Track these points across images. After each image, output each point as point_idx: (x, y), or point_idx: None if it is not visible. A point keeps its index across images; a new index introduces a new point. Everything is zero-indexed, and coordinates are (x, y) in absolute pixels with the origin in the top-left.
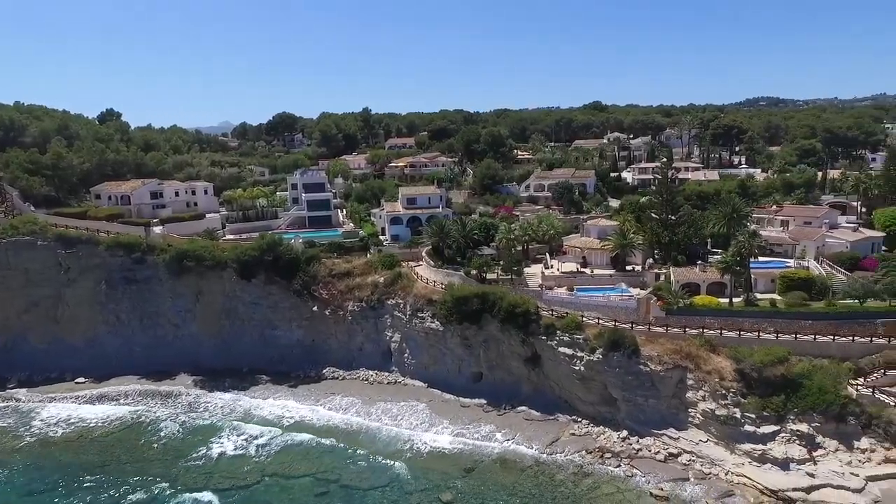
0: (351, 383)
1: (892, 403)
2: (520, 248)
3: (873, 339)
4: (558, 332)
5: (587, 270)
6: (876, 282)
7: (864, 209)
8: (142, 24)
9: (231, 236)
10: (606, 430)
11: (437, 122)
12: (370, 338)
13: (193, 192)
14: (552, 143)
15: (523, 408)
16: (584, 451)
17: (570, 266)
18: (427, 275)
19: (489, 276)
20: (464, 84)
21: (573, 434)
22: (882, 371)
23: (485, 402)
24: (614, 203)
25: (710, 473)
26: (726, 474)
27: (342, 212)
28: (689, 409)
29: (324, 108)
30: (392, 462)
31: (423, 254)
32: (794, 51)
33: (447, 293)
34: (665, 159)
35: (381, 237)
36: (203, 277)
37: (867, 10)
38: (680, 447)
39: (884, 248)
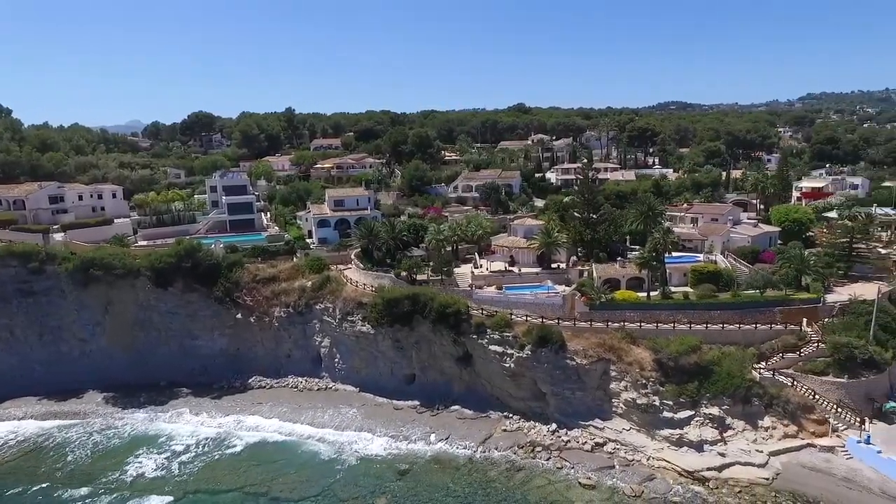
0: (279, 392)
1: (790, 384)
2: (449, 248)
3: (772, 325)
4: (489, 330)
5: (515, 269)
6: (774, 273)
7: (762, 206)
8: (28, 10)
9: (144, 242)
10: (537, 424)
11: (364, 123)
12: (298, 344)
13: (100, 196)
14: (479, 145)
15: (456, 407)
16: (515, 447)
17: (499, 265)
18: (356, 277)
19: (420, 277)
20: (390, 85)
21: (505, 430)
22: (780, 355)
23: (418, 403)
24: (539, 203)
25: (633, 460)
26: (648, 459)
27: (266, 215)
28: (613, 400)
29: (244, 108)
30: (324, 470)
31: (352, 256)
32: (697, 59)
33: (377, 296)
34: (586, 160)
35: (307, 240)
36: (113, 287)
37: (760, 22)
38: (605, 436)
39: (779, 241)
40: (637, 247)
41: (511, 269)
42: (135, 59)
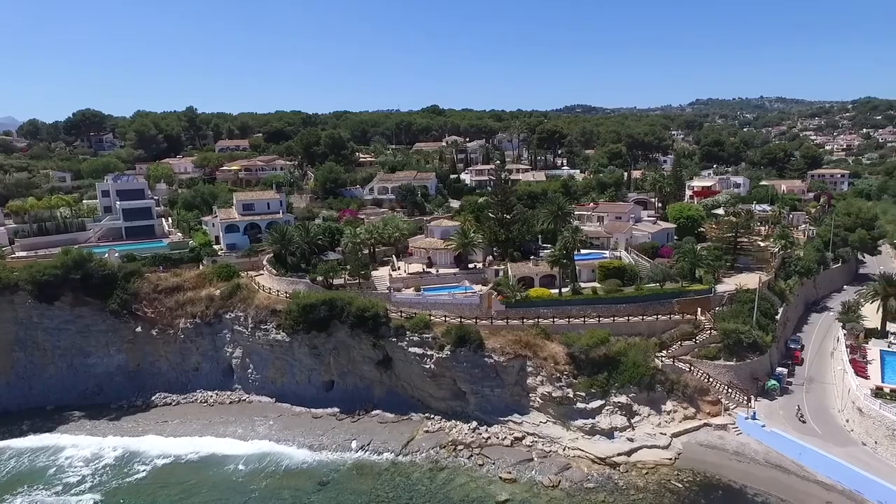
0: (187, 408)
1: (687, 369)
2: (367, 251)
3: (671, 316)
4: (408, 332)
5: (433, 270)
6: (671, 266)
7: (660, 204)
8: None
9: (23, 253)
10: (458, 423)
11: (274, 124)
12: (207, 356)
13: None
14: (394, 146)
15: (377, 411)
16: (437, 447)
17: (417, 267)
18: (269, 284)
19: (336, 281)
20: (301, 85)
21: (427, 431)
22: (679, 343)
23: (338, 410)
24: (455, 204)
25: (550, 451)
26: (564, 450)
27: (168, 221)
28: (530, 395)
29: (139, 107)
30: (240, 488)
31: (265, 262)
32: (597, 65)
33: (292, 302)
34: (499, 161)
35: (215, 247)
36: None
37: (654, 29)
38: (524, 430)
39: (675, 237)
40: (549, 245)
41: (429, 270)
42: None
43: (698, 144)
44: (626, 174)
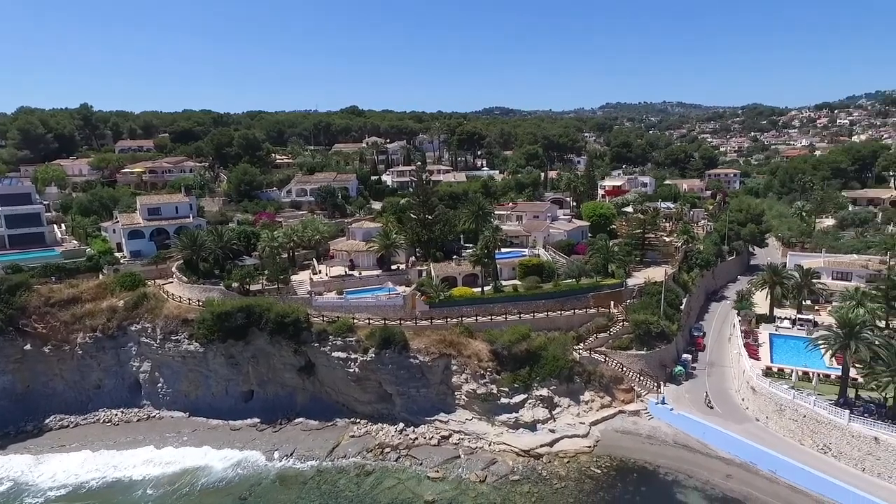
0: (88, 429)
1: (603, 360)
2: (285, 255)
3: (587, 310)
4: (331, 336)
5: (355, 273)
6: (586, 262)
7: (574, 203)
8: None
9: None
10: (384, 426)
11: (181, 124)
12: (111, 372)
13: None
14: (312, 147)
15: (301, 419)
16: (364, 451)
17: (339, 270)
18: (180, 292)
19: (254, 287)
20: (210, 84)
21: (353, 436)
22: (595, 335)
23: (258, 420)
24: (377, 205)
25: (476, 447)
26: (490, 445)
27: (60, 227)
28: (456, 393)
29: (23, 102)
30: None
31: (174, 269)
32: (515, 69)
33: (206, 310)
34: (420, 163)
35: (117, 254)
36: None
37: (564, 34)
38: (450, 429)
39: (589, 234)
40: (470, 245)
41: (351, 272)
42: None
43: (609, 146)
44: (542, 174)
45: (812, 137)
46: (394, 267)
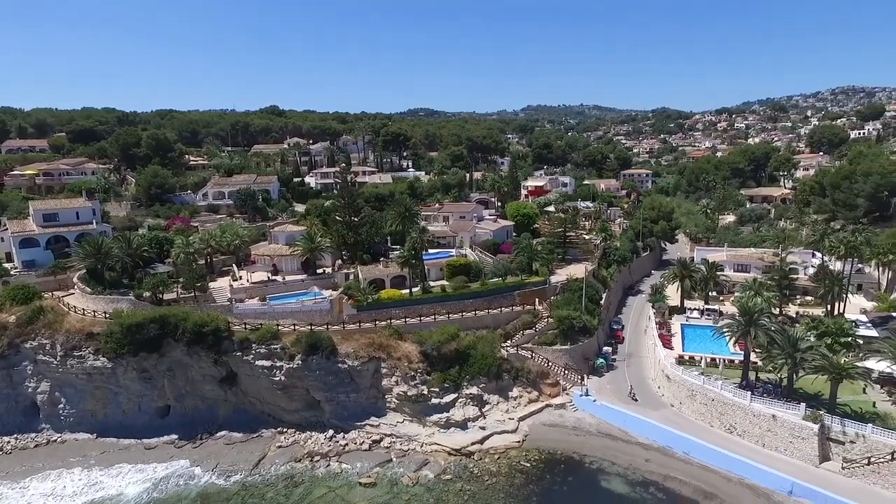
0: None
1: (530, 356)
2: (203, 261)
3: (514, 307)
4: (254, 345)
5: (279, 278)
6: (511, 261)
7: (499, 203)
8: None
9: None
10: (313, 433)
11: (81, 122)
12: (1, 395)
13: None
14: (229, 148)
15: (223, 432)
16: (293, 461)
17: (261, 275)
18: (83, 304)
19: (168, 296)
20: (114, 80)
21: (280, 447)
22: (521, 332)
23: (176, 437)
24: (300, 208)
25: (408, 449)
26: (422, 446)
27: None
28: (386, 396)
29: None
30: None
31: (76, 280)
32: (439, 71)
33: (114, 322)
34: (344, 164)
35: (6, 265)
36: None
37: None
38: (381, 432)
39: (514, 233)
40: (398, 246)
41: (275, 278)
42: None
43: (530, 147)
44: (468, 175)
45: (714, 140)
46: (319, 271)
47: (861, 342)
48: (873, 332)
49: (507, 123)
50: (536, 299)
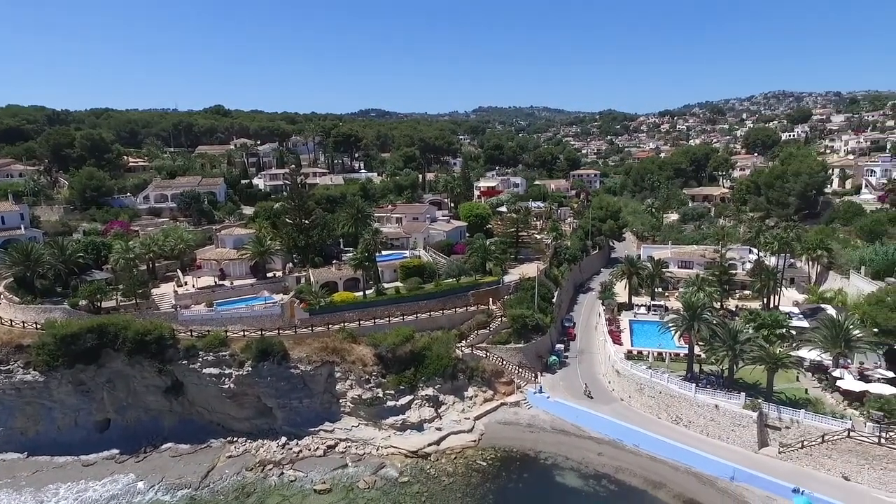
0: None
1: (484, 355)
2: (144, 267)
3: (468, 307)
4: (201, 352)
5: (227, 283)
6: (465, 262)
7: (452, 204)
8: None
9: None
10: (265, 441)
11: (6, 121)
12: None
13: None
14: (172, 149)
15: (169, 444)
16: (244, 471)
17: (208, 280)
18: (11, 315)
19: (106, 304)
20: (43, 79)
21: (230, 456)
22: (476, 332)
23: (117, 451)
24: (248, 210)
25: (364, 453)
26: (377, 450)
27: None
28: (341, 400)
29: None
30: None
31: (1, 289)
32: (390, 72)
33: (47, 333)
34: (294, 165)
35: None
36: None
37: (437, 42)
38: (336, 437)
39: (467, 234)
40: (350, 248)
41: (222, 283)
42: None
43: (482, 148)
44: (420, 176)
45: (658, 141)
46: (269, 275)
47: (794, 333)
48: (805, 323)
49: (458, 125)
50: (490, 299)
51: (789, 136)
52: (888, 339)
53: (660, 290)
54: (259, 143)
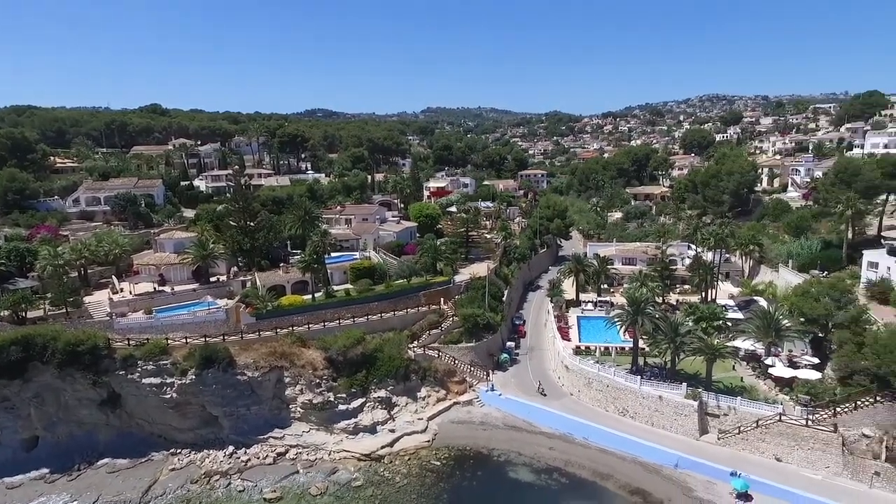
0: None
1: (437, 355)
2: (75, 274)
3: (419, 308)
4: (140, 362)
5: (167, 288)
6: (416, 262)
7: (402, 205)
8: None
9: None
10: (211, 451)
11: None
12: None
13: None
14: (104, 150)
15: (105, 460)
16: (188, 483)
17: (146, 286)
18: None
19: (33, 314)
20: None
21: (174, 469)
22: (428, 332)
23: (47, 471)
24: (189, 213)
25: (316, 459)
26: (330, 454)
27: None
28: (291, 406)
29: None
30: None
31: None
32: (337, 71)
33: None
34: (237, 166)
35: None
36: None
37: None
38: (286, 444)
39: (418, 234)
40: (298, 251)
41: (162, 288)
42: None
43: (431, 149)
44: (369, 177)
45: (601, 142)
46: (213, 279)
47: (730, 324)
48: (739, 315)
49: (407, 125)
50: (441, 299)
51: (723, 137)
52: (813, 328)
53: (605, 286)
54: (200, 143)
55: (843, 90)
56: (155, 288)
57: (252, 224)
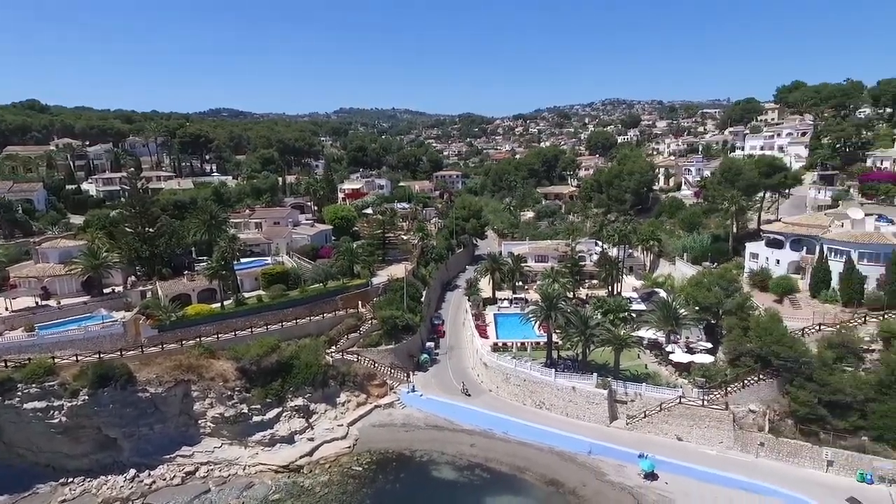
0: None
1: (356, 360)
2: None
3: (336, 312)
4: (20, 385)
5: (52, 302)
6: (332, 266)
7: (316, 207)
8: None
9: None
10: (110, 477)
11: None
12: None
13: None
14: None
15: None
16: None
17: (26, 301)
18: None
19: None
20: None
21: (65, 500)
22: (346, 336)
23: None
24: (78, 220)
25: (229, 475)
26: (245, 469)
27: None
28: (200, 421)
29: None
30: None
31: None
32: (243, 70)
33: None
34: (133, 169)
35: None
36: None
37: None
38: (196, 462)
39: (333, 237)
40: (205, 257)
41: (46, 303)
42: None
43: (345, 150)
44: (280, 179)
45: (513, 143)
46: (107, 290)
47: (634, 315)
48: (642, 307)
49: (319, 126)
50: (360, 302)
51: (624, 139)
52: (706, 315)
53: (520, 283)
54: (88, 143)
55: (726, 97)
56: (37, 302)
57: (151, 230)
